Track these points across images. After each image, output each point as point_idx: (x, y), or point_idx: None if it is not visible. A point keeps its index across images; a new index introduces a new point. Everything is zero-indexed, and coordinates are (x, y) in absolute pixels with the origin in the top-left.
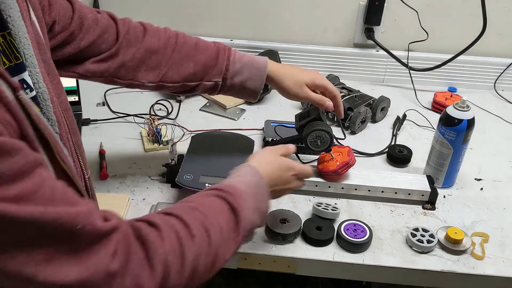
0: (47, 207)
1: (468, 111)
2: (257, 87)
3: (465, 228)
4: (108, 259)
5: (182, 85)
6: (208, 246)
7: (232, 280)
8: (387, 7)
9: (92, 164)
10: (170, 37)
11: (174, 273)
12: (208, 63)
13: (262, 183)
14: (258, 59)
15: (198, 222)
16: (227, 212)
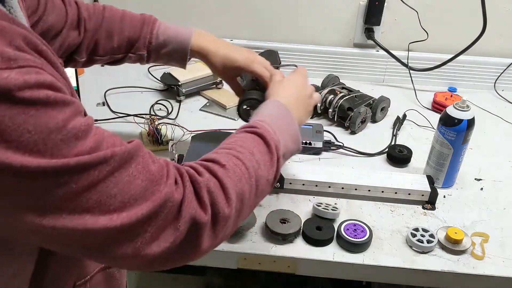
0: (113, 149)
1: (468, 111)
2: (183, 58)
3: (465, 228)
4: (172, 188)
5: (109, 57)
6: (245, 169)
7: (232, 280)
8: (387, 7)
9: None
10: (98, 13)
11: (221, 200)
12: (132, 36)
13: (281, 107)
14: (183, 31)
15: (225, 153)
16: (254, 138)
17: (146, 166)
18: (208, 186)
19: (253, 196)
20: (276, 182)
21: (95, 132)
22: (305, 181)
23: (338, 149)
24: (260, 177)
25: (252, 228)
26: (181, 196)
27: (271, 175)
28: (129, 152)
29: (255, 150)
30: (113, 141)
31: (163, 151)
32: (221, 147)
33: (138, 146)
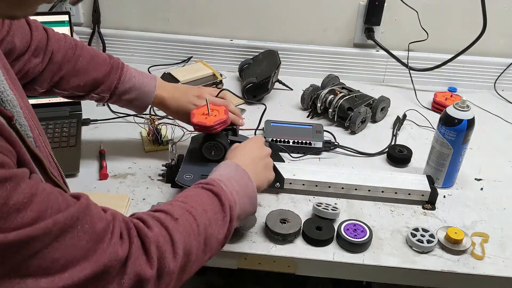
0: (56, 216)
1: (468, 111)
2: (143, 107)
3: (465, 228)
4: (117, 247)
5: (71, 93)
6: (196, 226)
7: (232, 280)
8: (387, 7)
9: (92, 164)
10: (68, 48)
11: (168, 255)
12: (99, 79)
13: (239, 168)
14: (148, 82)
15: (179, 207)
16: (209, 195)
17: (92, 226)
18: (158, 241)
19: (201, 253)
20: (276, 182)
21: (39, 199)
22: (305, 181)
23: (335, 148)
24: (210, 235)
25: (252, 228)
26: (126, 252)
27: (222, 234)
28: (72, 217)
29: (208, 208)
30: (58, 206)
31: (163, 151)
32: (177, 200)
33: (85, 205)
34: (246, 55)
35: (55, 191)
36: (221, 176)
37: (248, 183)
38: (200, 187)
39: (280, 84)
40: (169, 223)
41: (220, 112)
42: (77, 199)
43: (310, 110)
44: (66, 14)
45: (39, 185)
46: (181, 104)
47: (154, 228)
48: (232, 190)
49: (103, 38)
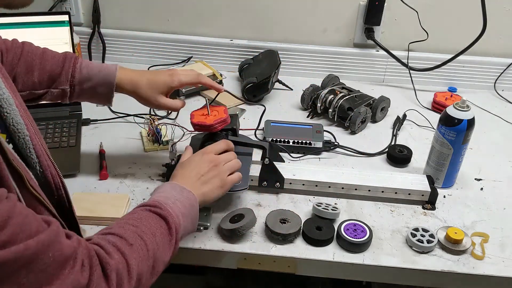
0: (27, 242)
1: (468, 111)
2: (108, 92)
3: (465, 228)
4: (78, 275)
5: (29, 93)
6: (146, 251)
7: (232, 280)
8: (387, 7)
9: (92, 164)
10: (16, 47)
11: (125, 281)
12: (54, 70)
13: (185, 192)
14: (108, 66)
15: (131, 232)
16: (157, 219)
17: (60, 253)
18: (118, 268)
19: (149, 276)
20: (276, 182)
21: (13, 222)
22: (305, 181)
23: (335, 148)
24: (158, 259)
25: (252, 228)
26: (87, 280)
27: (168, 256)
28: (43, 243)
29: (157, 232)
30: (29, 230)
31: (163, 151)
32: (127, 222)
33: (55, 233)
34: (246, 55)
35: (30, 214)
36: (167, 198)
37: (193, 204)
38: (147, 210)
39: (280, 84)
40: (125, 249)
41: (219, 112)
42: (48, 224)
43: (310, 110)
44: (66, 14)
45: (15, 207)
46: (153, 81)
47: (114, 255)
48: (178, 213)
49: (103, 38)
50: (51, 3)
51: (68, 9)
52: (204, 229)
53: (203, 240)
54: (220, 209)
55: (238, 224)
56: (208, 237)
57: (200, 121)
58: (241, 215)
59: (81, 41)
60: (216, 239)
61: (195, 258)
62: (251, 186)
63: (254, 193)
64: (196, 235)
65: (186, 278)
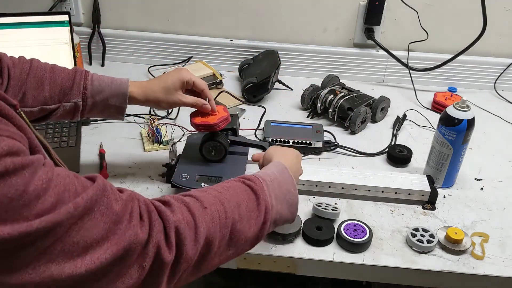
0: (76, 200)
1: (468, 111)
2: (121, 103)
3: (465, 228)
4: (137, 229)
5: (41, 109)
6: (224, 218)
7: (232, 280)
8: (387, 7)
9: (92, 164)
10: (24, 62)
11: (188, 241)
12: (65, 84)
13: (286, 173)
14: (119, 78)
15: (212, 196)
16: (247, 191)
17: (109, 207)
18: (178, 226)
19: (224, 246)
20: None
21: (56, 183)
22: (305, 181)
23: (335, 148)
24: (238, 231)
25: None
26: (147, 235)
27: (251, 233)
28: (91, 199)
29: (242, 203)
30: (74, 188)
31: (163, 151)
32: (214, 188)
33: (102, 187)
34: (246, 55)
35: (71, 175)
36: (266, 175)
37: (291, 189)
38: (241, 181)
39: (280, 84)
40: (196, 210)
41: (219, 111)
42: (92, 180)
43: (310, 110)
44: (66, 14)
45: (54, 170)
46: (164, 81)
47: (177, 212)
48: (272, 193)
49: (103, 38)
50: (51, 3)
51: (68, 9)
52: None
53: None
54: None
55: None
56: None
57: (203, 121)
58: None
59: (81, 41)
60: None
61: None
62: None
63: None
64: None
65: None
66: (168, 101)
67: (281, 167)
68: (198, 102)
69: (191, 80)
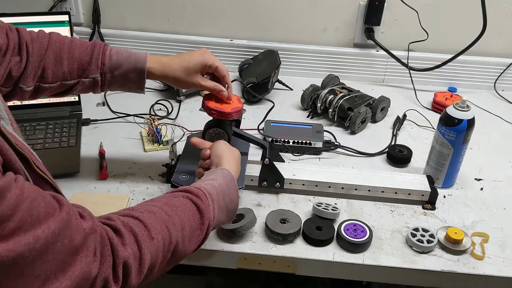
0: (36, 232)
1: (468, 111)
2: (140, 79)
3: (465, 228)
4: (90, 264)
5: (60, 85)
6: (168, 244)
7: (232, 280)
8: (387, 7)
9: (92, 164)
10: (42, 37)
11: (133, 273)
12: (83, 59)
13: (232, 185)
14: (137, 52)
15: (160, 221)
16: (193, 212)
17: (71, 240)
18: (126, 261)
19: (164, 266)
20: (276, 182)
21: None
22: (305, 181)
23: (335, 148)
24: (179, 252)
25: (252, 228)
26: (97, 269)
27: (191, 249)
28: (53, 233)
29: (186, 225)
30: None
31: (163, 151)
32: (162, 209)
33: (66, 219)
34: (246, 55)
35: (38, 197)
36: (213, 188)
37: (234, 199)
38: (189, 198)
39: (280, 84)
40: (143, 242)
41: (234, 101)
42: (59, 204)
43: (310, 110)
44: (66, 14)
45: (23, 193)
46: (186, 61)
47: (128, 246)
48: (215, 206)
49: (103, 38)
50: (51, 3)
51: (68, 9)
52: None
53: None
54: None
55: (238, 224)
56: (208, 237)
57: (217, 107)
58: (241, 215)
59: None
60: (216, 239)
61: (195, 258)
62: (251, 186)
63: (254, 193)
64: None
65: (186, 278)
66: (187, 81)
67: (229, 178)
68: (217, 87)
69: (214, 64)
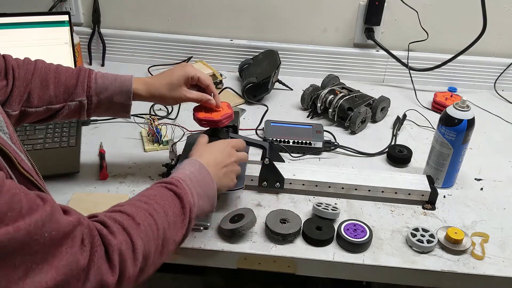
0: (17, 223)
1: (468, 111)
2: (126, 101)
3: (465, 228)
4: (77, 255)
5: (46, 109)
6: (156, 230)
7: (232, 280)
8: (387, 7)
9: (92, 164)
10: (28, 63)
11: (129, 262)
12: (69, 83)
13: (204, 170)
14: (122, 75)
15: (141, 210)
16: (171, 197)
17: (56, 232)
18: (120, 249)
19: (158, 255)
20: (276, 182)
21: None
22: (305, 181)
23: (335, 148)
24: (168, 238)
25: (252, 228)
26: (87, 260)
27: (179, 236)
28: (36, 224)
29: (169, 211)
30: (19, 209)
31: (163, 151)
32: (140, 199)
33: (50, 212)
34: (246, 55)
35: (20, 193)
36: (185, 175)
37: (210, 184)
38: (163, 186)
39: (280, 84)
40: (131, 229)
41: (224, 108)
42: (43, 201)
43: (310, 110)
44: (66, 14)
45: (3, 186)
46: (168, 77)
47: (118, 235)
48: (193, 192)
49: (103, 38)
50: (51, 3)
51: (68, 9)
52: (204, 229)
53: (203, 240)
54: (220, 209)
55: (238, 224)
56: (208, 237)
57: (207, 117)
58: (241, 215)
59: (81, 41)
60: (216, 239)
61: (195, 258)
62: (251, 186)
63: (254, 193)
64: (196, 235)
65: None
66: (173, 97)
67: (198, 165)
68: (203, 97)
69: (196, 76)
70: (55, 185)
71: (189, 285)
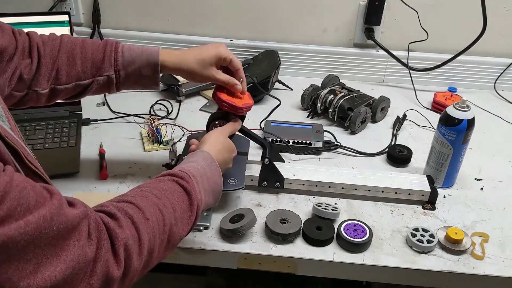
0: (27, 218)
1: (468, 111)
2: (154, 73)
3: (465, 228)
4: (85, 248)
5: (75, 86)
6: (163, 225)
7: (232, 280)
8: (387, 7)
9: (92, 164)
10: (54, 39)
11: (135, 256)
12: (96, 57)
13: (214, 166)
14: (149, 47)
15: (152, 204)
16: (181, 193)
17: (64, 225)
18: (127, 243)
19: (163, 250)
20: (276, 182)
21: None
22: (305, 181)
23: (335, 148)
24: (174, 234)
25: (252, 228)
26: (94, 253)
27: (185, 231)
28: (45, 218)
29: (177, 207)
30: (28, 203)
31: (163, 151)
32: (152, 192)
33: (57, 205)
34: (246, 55)
35: (28, 186)
36: (196, 170)
37: (218, 181)
38: (175, 181)
39: (280, 84)
40: (140, 224)
41: (245, 97)
42: (50, 193)
43: (310, 110)
44: (66, 14)
45: (13, 181)
46: (200, 53)
47: (126, 229)
48: (201, 189)
49: (103, 38)
50: (51, 3)
51: (68, 9)
52: (204, 229)
53: (203, 240)
54: (220, 209)
55: (238, 224)
56: (208, 237)
57: (229, 100)
58: (241, 215)
59: None
60: (216, 239)
61: (195, 258)
62: (251, 186)
63: (254, 193)
64: (196, 235)
65: (185, 278)
66: (202, 74)
67: (210, 160)
68: (231, 81)
69: (228, 57)
70: (55, 185)
71: (189, 285)
